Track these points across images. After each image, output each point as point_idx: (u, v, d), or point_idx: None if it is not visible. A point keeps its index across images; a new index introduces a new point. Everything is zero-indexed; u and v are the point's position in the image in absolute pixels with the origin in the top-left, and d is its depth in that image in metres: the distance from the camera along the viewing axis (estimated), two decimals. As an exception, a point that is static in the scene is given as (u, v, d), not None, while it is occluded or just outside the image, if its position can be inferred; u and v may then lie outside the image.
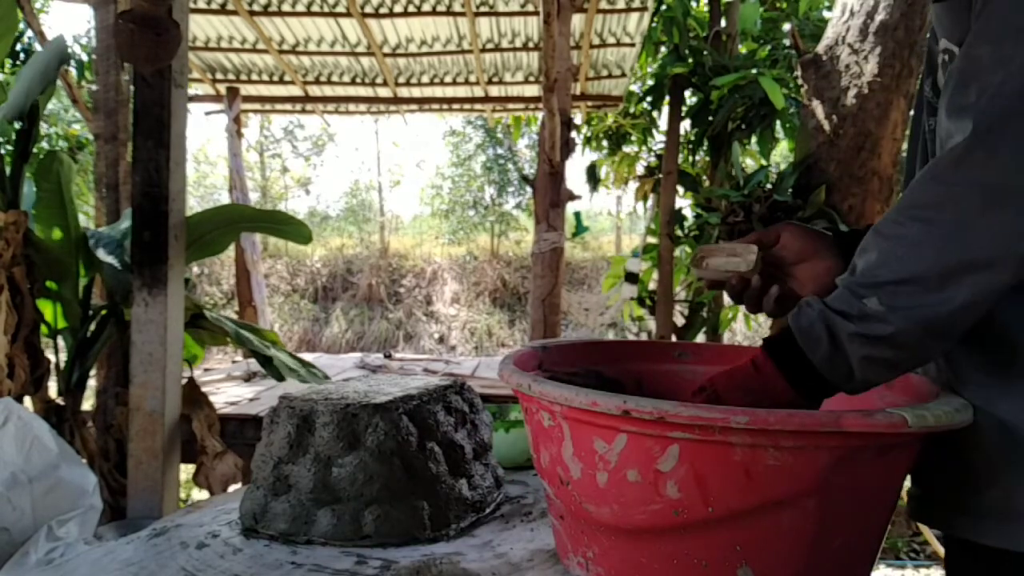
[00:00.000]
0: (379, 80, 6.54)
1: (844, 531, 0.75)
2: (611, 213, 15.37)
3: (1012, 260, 0.69)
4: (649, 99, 5.68)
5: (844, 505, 0.74)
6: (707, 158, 5.44)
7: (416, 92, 6.79)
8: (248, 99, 6.61)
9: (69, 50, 2.78)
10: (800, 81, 3.86)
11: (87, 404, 2.81)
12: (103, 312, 2.71)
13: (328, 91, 6.75)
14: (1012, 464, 0.77)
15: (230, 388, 4.54)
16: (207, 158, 17.95)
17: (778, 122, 4.86)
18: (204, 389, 2.78)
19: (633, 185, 6.74)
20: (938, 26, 0.85)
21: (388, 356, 5.97)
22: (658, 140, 6.62)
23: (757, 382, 0.80)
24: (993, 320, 0.78)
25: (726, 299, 5.71)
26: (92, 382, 2.86)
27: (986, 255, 0.69)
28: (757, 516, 0.72)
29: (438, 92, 6.80)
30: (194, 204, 16.26)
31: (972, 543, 0.82)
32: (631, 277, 5.56)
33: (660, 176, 5.60)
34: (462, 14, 5.50)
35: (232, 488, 2.66)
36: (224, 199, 16.80)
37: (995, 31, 0.71)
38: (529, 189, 4.79)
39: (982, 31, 0.72)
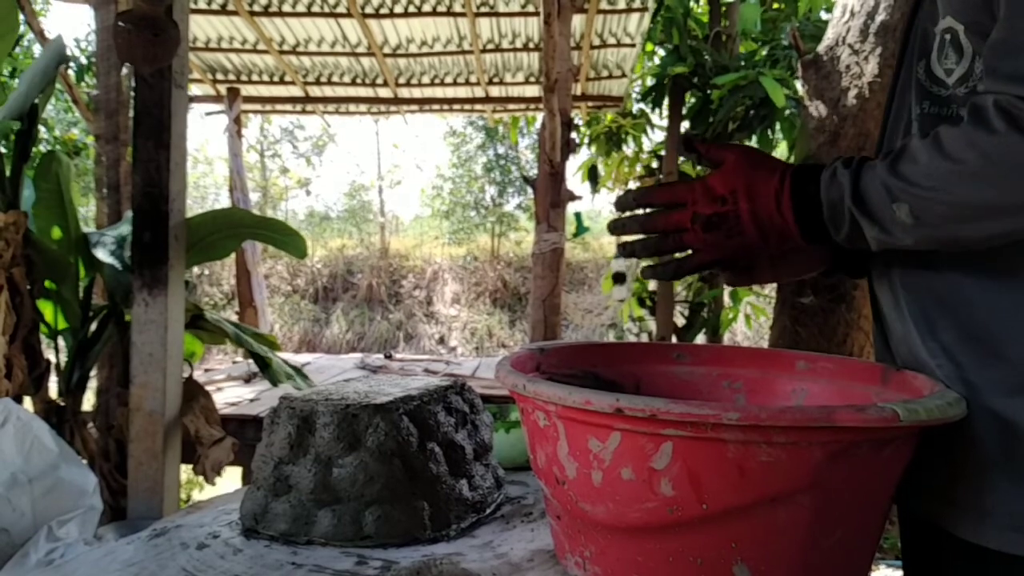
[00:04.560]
0: (379, 80, 6.55)
1: (840, 527, 0.76)
2: (612, 212, 15.36)
3: None
4: (649, 99, 5.69)
5: (840, 501, 0.74)
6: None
7: (416, 92, 6.80)
8: (248, 99, 6.62)
9: (68, 51, 2.79)
10: (800, 81, 3.87)
11: (87, 404, 2.81)
12: (103, 312, 2.72)
13: (328, 91, 6.76)
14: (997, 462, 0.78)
15: (231, 388, 4.55)
16: (206, 159, 17.97)
17: (778, 122, 4.87)
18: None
19: (633, 186, 6.75)
20: (943, 5, 0.83)
21: (388, 357, 5.98)
22: (657, 140, 6.63)
23: (775, 221, 0.85)
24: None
25: (727, 300, 5.72)
26: (92, 383, 2.86)
27: None
28: (752, 513, 0.72)
29: (438, 92, 6.81)
30: (192, 204, 16.26)
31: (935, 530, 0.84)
32: (619, 277, 5.56)
33: (660, 177, 5.61)
34: (462, 14, 5.50)
35: (225, 471, 2.68)
36: (222, 199, 16.85)
37: None
38: (530, 189, 4.79)
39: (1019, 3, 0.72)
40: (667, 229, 0.89)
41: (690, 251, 0.90)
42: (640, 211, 0.93)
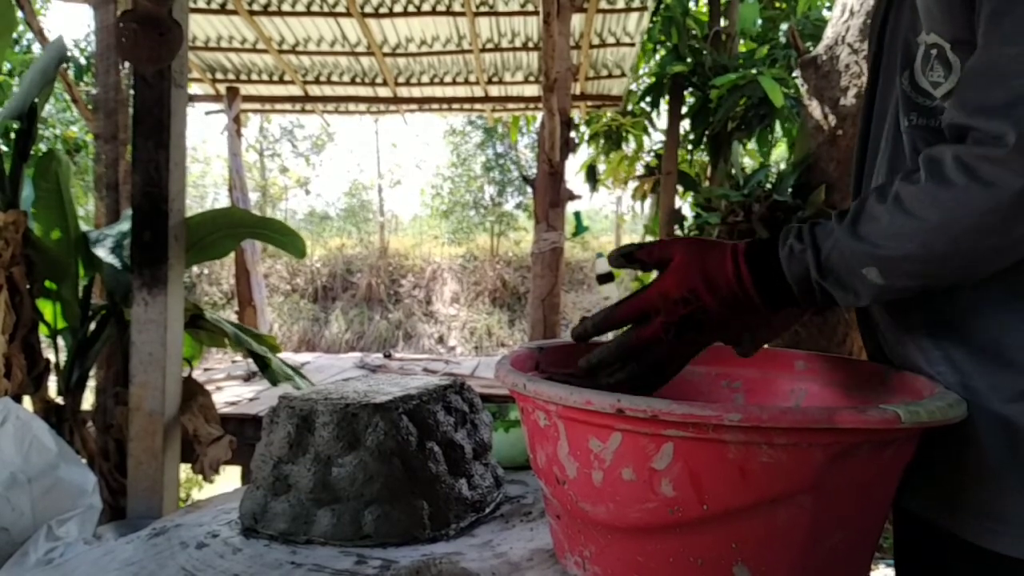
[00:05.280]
0: (379, 80, 6.55)
1: (841, 528, 0.76)
2: (612, 211, 15.39)
3: (1014, 257, 0.74)
4: (648, 99, 5.69)
5: (840, 502, 0.74)
6: (705, 158, 5.44)
7: (416, 92, 6.80)
8: (248, 99, 6.62)
9: (68, 51, 2.79)
10: (800, 81, 3.87)
11: (87, 404, 2.81)
12: (103, 312, 2.71)
13: (328, 91, 6.76)
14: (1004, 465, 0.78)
15: (230, 387, 4.54)
16: (204, 158, 17.98)
17: (777, 122, 4.87)
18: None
19: (632, 185, 6.76)
20: (926, 18, 0.82)
21: (388, 356, 5.97)
22: (656, 140, 6.63)
23: (743, 302, 0.84)
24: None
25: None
26: (92, 382, 2.86)
27: (995, 255, 0.73)
28: (752, 514, 0.72)
29: (438, 92, 6.81)
30: (191, 204, 16.26)
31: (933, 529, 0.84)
32: (605, 277, 5.55)
33: (660, 176, 5.61)
34: (462, 14, 5.50)
35: (223, 469, 2.68)
36: (221, 198, 16.85)
37: (1020, 33, 0.70)
38: (529, 189, 4.79)
39: (1004, 31, 0.71)
40: (640, 346, 0.87)
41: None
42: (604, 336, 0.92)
